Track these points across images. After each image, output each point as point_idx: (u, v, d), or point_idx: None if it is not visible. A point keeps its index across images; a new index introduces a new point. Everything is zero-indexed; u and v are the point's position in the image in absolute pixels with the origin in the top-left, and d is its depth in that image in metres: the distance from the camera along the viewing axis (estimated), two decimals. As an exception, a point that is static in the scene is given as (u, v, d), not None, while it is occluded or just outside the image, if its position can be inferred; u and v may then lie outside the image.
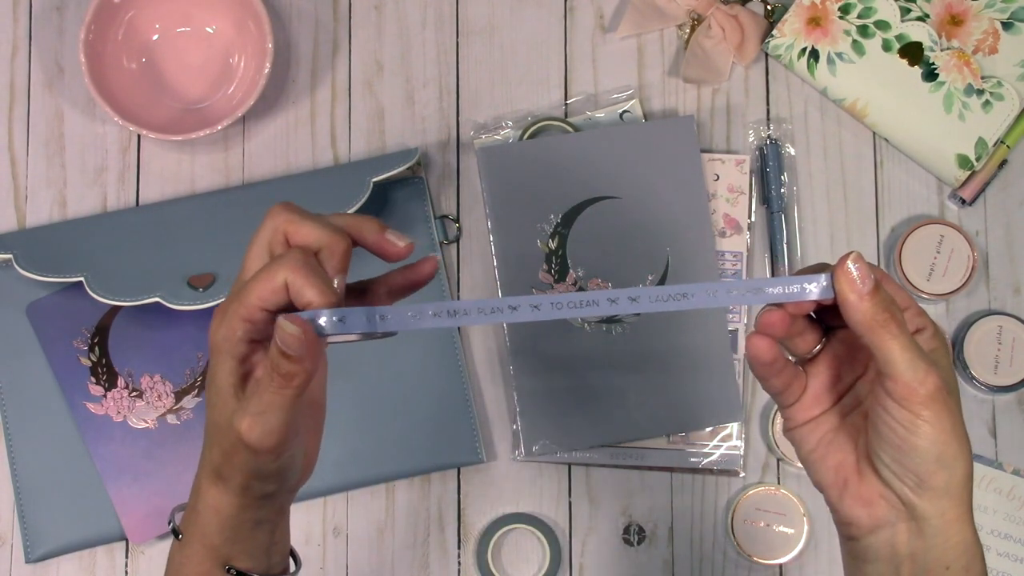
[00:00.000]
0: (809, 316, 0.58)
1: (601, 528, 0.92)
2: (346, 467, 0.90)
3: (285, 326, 0.53)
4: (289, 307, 0.55)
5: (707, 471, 0.92)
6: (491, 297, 0.51)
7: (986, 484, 0.90)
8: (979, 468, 0.89)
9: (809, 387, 0.59)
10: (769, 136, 0.94)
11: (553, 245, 0.92)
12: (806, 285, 0.54)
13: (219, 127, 0.90)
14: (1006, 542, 0.90)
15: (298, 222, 0.56)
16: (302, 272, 0.54)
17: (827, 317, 0.58)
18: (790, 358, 0.59)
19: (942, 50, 0.92)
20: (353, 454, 0.90)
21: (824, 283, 0.54)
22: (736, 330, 0.92)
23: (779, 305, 0.55)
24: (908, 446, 0.53)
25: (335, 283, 0.55)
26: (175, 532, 0.62)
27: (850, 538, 0.57)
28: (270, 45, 0.91)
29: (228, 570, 0.60)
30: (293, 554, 0.65)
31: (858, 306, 0.53)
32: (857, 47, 0.92)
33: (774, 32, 0.93)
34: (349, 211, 0.88)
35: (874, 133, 0.95)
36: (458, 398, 0.91)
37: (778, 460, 0.92)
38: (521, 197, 0.92)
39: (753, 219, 0.94)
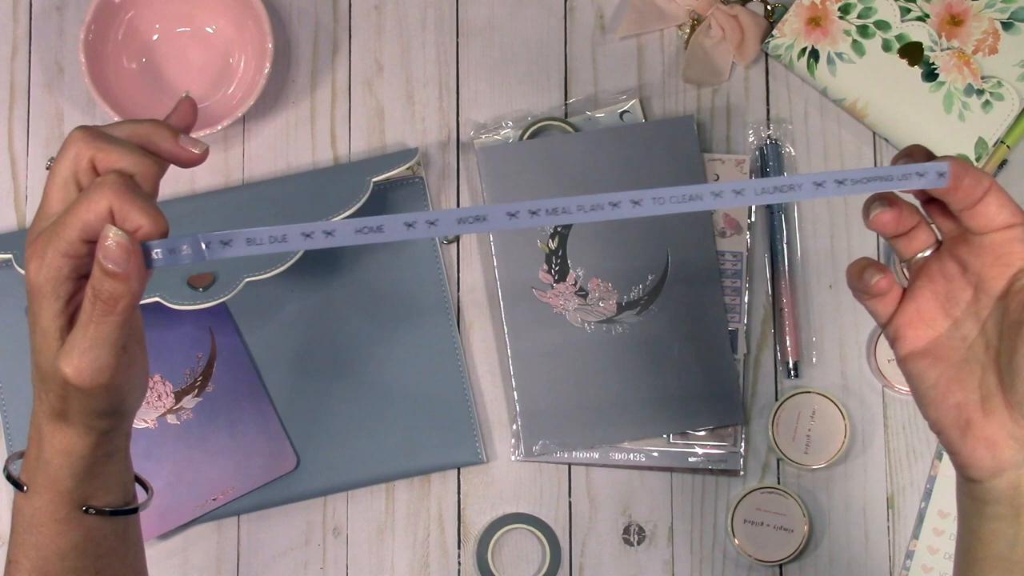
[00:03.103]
0: (920, 215, 0.55)
1: (601, 528, 0.92)
2: (346, 467, 0.90)
3: (108, 231, 0.50)
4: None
5: (707, 471, 0.92)
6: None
7: None
8: None
9: (918, 299, 0.55)
10: (769, 136, 0.94)
11: (553, 245, 0.92)
12: (920, 174, 0.51)
13: (219, 127, 0.90)
14: None
15: (106, 148, 0.52)
16: (127, 197, 0.51)
17: (938, 219, 0.55)
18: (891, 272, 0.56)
19: (942, 50, 0.92)
20: (353, 454, 0.90)
21: (939, 172, 0.51)
22: (736, 330, 0.92)
23: (887, 201, 0.53)
24: None
25: None
26: (17, 484, 0.58)
27: (970, 480, 0.54)
28: (270, 45, 0.91)
29: (87, 511, 0.57)
30: (140, 480, 0.63)
31: None
32: (857, 47, 0.92)
33: (774, 32, 0.93)
34: (349, 212, 0.88)
35: (874, 133, 0.95)
36: (458, 398, 0.91)
37: (778, 460, 0.92)
38: (521, 197, 0.92)
39: (753, 219, 0.94)
